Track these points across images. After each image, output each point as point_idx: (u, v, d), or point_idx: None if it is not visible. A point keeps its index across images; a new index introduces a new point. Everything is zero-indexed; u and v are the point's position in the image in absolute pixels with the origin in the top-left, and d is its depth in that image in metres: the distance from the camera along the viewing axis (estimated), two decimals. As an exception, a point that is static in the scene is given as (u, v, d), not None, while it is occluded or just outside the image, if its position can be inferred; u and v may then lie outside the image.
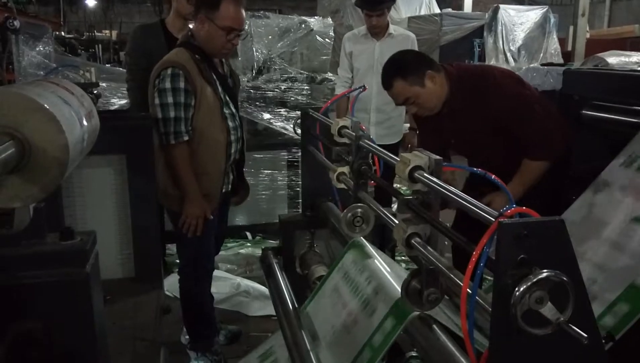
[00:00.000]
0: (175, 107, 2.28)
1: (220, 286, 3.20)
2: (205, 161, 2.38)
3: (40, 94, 1.06)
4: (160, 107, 2.29)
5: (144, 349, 1.48)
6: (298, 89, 4.03)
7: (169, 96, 2.27)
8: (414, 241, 1.18)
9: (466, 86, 2.16)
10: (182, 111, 2.29)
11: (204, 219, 2.36)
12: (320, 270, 1.95)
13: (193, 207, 2.34)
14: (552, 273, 0.80)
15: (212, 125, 2.37)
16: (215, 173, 2.42)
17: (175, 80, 2.27)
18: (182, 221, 2.35)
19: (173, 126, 2.28)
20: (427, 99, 2.14)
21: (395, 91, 2.14)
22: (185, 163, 2.32)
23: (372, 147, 1.59)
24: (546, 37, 8.50)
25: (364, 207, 1.65)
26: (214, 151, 2.39)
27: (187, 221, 2.34)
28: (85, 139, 1.22)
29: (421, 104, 2.15)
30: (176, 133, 2.29)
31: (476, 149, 2.30)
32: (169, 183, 2.36)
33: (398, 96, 2.16)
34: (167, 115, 2.28)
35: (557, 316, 0.79)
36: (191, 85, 2.29)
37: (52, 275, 0.78)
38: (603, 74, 2.57)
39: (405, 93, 2.12)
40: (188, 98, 2.30)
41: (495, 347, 0.85)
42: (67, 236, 0.81)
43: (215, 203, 2.45)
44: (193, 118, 2.33)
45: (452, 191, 1.06)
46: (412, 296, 1.18)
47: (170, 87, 2.27)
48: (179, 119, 2.29)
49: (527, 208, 0.87)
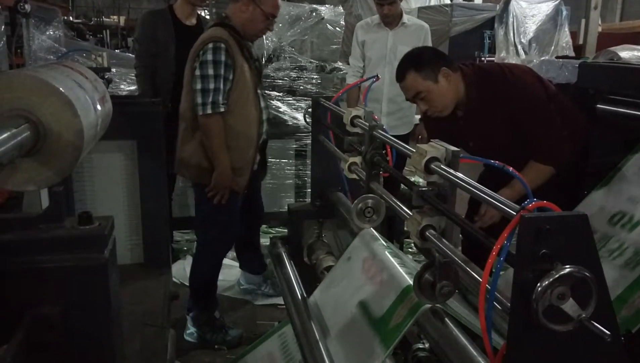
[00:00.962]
0: (215, 79, 2.37)
1: (227, 274, 3.20)
2: (238, 135, 2.47)
3: (55, 77, 1.05)
4: (200, 78, 2.37)
5: (152, 334, 1.49)
6: (307, 78, 4.00)
7: (210, 68, 2.36)
8: (428, 233, 1.17)
9: (484, 87, 2.10)
10: (222, 83, 2.38)
11: (231, 191, 2.46)
12: (328, 260, 1.95)
13: (222, 177, 2.44)
14: (574, 268, 0.78)
15: (247, 101, 2.47)
16: (247, 148, 2.50)
17: (217, 53, 2.36)
18: (209, 189, 2.44)
19: (211, 97, 2.37)
20: (438, 97, 2.07)
21: (407, 83, 2.09)
22: (219, 134, 2.41)
23: (385, 137, 1.57)
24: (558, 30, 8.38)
25: (375, 198, 1.64)
26: (247, 126, 2.49)
27: (214, 191, 2.44)
28: (99, 124, 1.21)
29: (431, 102, 2.09)
30: (213, 103, 2.37)
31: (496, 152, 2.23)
32: (203, 155, 2.45)
33: (409, 89, 2.10)
34: (207, 86, 2.37)
35: (579, 313, 0.78)
36: (231, 60, 2.39)
37: (70, 260, 0.77)
38: (619, 68, 2.53)
39: (417, 87, 2.06)
40: (227, 72, 2.39)
41: (513, 342, 0.84)
42: (86, 221, 0.80)
43: (245, 178, 2.53)
44: (230, 92, 2.42)
45: (469, 183, 1.05)
46: (425, 288, 1.16)
47: (212, 60, 2.36)
48: (217, 91, 2.37)
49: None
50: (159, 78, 3.25)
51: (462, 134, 2.15)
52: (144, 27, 3.35)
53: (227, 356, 2.52)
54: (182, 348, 2.48)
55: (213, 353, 2.57)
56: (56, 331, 0.75)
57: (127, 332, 1.36)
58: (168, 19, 3.25)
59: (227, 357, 2.51)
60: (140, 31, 3.38)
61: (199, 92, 2.38)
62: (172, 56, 3.20)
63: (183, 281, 3.15)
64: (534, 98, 2.07)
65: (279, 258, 2.10)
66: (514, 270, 0.84)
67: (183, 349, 2.48)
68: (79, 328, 0.78)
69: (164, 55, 3.22)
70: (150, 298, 1.63)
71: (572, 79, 2.41)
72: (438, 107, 2.11)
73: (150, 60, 3.27)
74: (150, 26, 3.29)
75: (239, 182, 2.51)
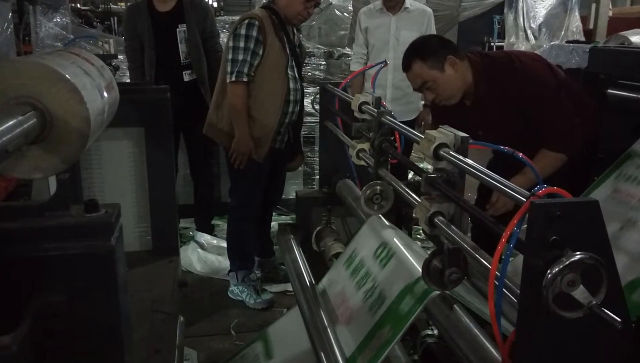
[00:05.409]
0: (244, 51, 2.60)
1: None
2: (261, 107, 2.67)
3: (61, 64, 1.05)
4: (232, 49, 2.62)
5: (161, 321, 1.49)
6: (315, 64, 3.97)
7: (242, 41, 2.60)
8: (437, 220, 1.16)
9: (492, 75, 2.07)
10: (250, 56, 2.60)
11: (249, 158, 2.68)
12: (337, 247, 1.94)
13: (240, 143, 2.67)
14: (585, 255, 0.77)
15: (274, 77, 2.67)
16: (268, 121, 2.69)
17: (250, 29, 2.60)
18: (229, 153, 2.70)
19: (238, 66, 2.59)
20: (446, 86, 2.05)
21: (413, 72, 2.06)
22: (241, 102, 2.63)
23: (394, 123, 1.56)
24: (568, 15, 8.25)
25: (383, 184, 1.63)
26: (271, 100, 2.68)
27: (234, 156, 2.69)
28: (106, 111, 1.21)
29: (438, 91, 2.06)
30: (238, 72, 2.60)
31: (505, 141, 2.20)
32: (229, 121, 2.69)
33: (415, 79, 2.08)
34: (236, 57, 2.60)
35: (590, 300, 0.77)
36: (263, 36, 2.61)
37: (76, 248, 0.77)
38: (630, 52, 2.48)
39: (423, 76, 2.04)
40: (257, 47, 2.61)
41: (523, 329, 0.84)
42: (92, 208, 0.80)
43: (264, 149, 2.72)
44: (259, 66, 2.63)
45: (479, 169, 1.04)
46: (433, 275, 1.16)
47: (245, 34, 2.60)
48: (244, 62, 2.60)
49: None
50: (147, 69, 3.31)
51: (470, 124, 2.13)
52: (125, 22, 3.45)
53: (236, 342, 2.54)
54: (192, 335, 2.50)
55: (222, 340, 2.59)
56: (63, 319, 0.75)
57: (136, 318, 1.37)
58: (144, 10, 3.30)
59: (235, 343, 2.53)
60: (124, 27, 3.53)
61: (229, 61, 2.62)
62: (153, 46, 3.23)
63: (188, 269, 3.17)
64: (544, 87, 2.04)
65: (288, 245, 2.10)
66: (524, 257, 0.83)
67: (192, 335, 2.50)
68: (86, 316, 0.78)
69: (147, 46, 3.28)
70: (159, 285, 1.64)
71: (583, 64, 2.37)
72: (445, 96, 2.08)
73: (138, 54, 3.34)
74: (131, 21, 3.37)
75: (258, 152, 2.70)
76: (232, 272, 2.95)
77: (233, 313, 2.83)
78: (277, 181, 3.06)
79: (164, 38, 3.28)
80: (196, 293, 3.00)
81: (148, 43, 3.28)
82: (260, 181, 2.83)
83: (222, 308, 2.88)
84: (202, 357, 2.42)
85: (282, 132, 2.80)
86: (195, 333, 2.57)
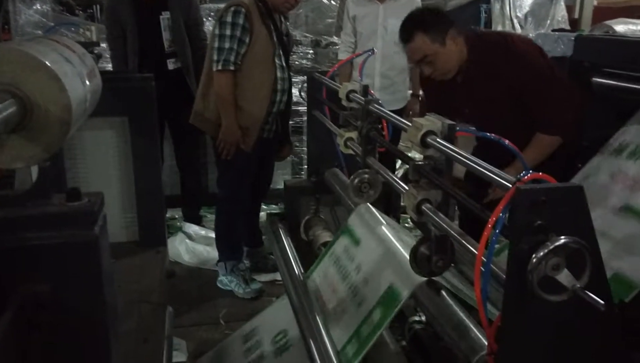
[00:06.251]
0: (231, 39, 2.57)
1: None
2: (248, 96, 2.65)
3: (42, 51, 1.02)
4: (218, 37, 2.59)
5: (149, 312, 1.49)
6: (303, 52, 3.95)
7: (228, 29, 2.57)
8: (424, 208, 1.16)
9: (486, 53, 2.07)
10: (236, 44, 2.57)
11: (237, 147, 2.67)
12: (325, 236, 1.94)
13: (227, 133, 2.65)
14: (569, 239, 0.78)
15: (261, 65, 2.64)
16: (256, 111, 2.67)
17: (236, 16, 2.57)
18: (217, 143, 2.69)
19: (225, 55, 2.57)
20: (446, 60, 2.03)
21: (414, 45, 2.01)
22: (228, 91, 2.60)
23: (382, 112, 1.55)
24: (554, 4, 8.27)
25: (371, 173, 1.63)
26: (258, 89, 2.66)
27: (221, 146, 2.67)
28: (88, 99, 1.19)
29: (438, 65, 2.04)
30: (225, 61, 2.57)
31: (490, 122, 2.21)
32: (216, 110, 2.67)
33: (416, 52, 2.03)
34: (223, 45, 2.58)
35: (574, 283, 0.78)
36: (249, 23, 2.58)
37: (59, 237, 0.76)
38: (615, 41, 2.50)
39: (425, 50, 2.00)
40: (244, 35, 2.59)
41: (508, 313, 0.84)
42: (74, 197, 0.79)
43: (252, 138, 2.70)
44: (245, 55, 2.60)
45: (466, 156, 1.04)
46: (421, 262, 1.16)
47: (231, 22, 2.57)
48: (231, 50, 2.57)
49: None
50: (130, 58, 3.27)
51: (458, 101, 2.13)
52: (107, 9, 3.41)
53: (226, 332, 2.54)
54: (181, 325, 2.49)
55: (211, 329, 2.60)
56: (47, 309, 0.74)
57: (124, 310, 1.36)
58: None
59: (225, 333, 2.53)
60: (105, 14, 3.48)
61: (215, 49, 2.59)
62: (136, 34, 3.19)
63: (176, 259, 3.16)
64: (539, 69, 2.05)
65: (276, 234, 2.10)
66: (509, 242, 0.83)
67: (181, 326, 2.50)
68: (71, 306, 0.77)
69: (130, 34, 3.24)
70: (147, 276, 1.63)
71: (568, 52, 2.38)
72: (443, 71, 2.07)
73: (119, 42, 3.30)
74: (113, 8, 3.32)
75: (246, 141, 2.68)
76: (221, 262, 2.94)
77: (222, 303, 2.83)
78: (266, 171, 3.05)
79: (147, 26, 3.23)
80: (185, 283, 3.00)
81: (131, 31, 3.23)
82: (249, 171, 2.81)
83: (211, 298, 2.88)
84: (191, 346, 2.42)
85: (270, 121, 2.79)
86: (184, 323, 2.58)
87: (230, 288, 2.90)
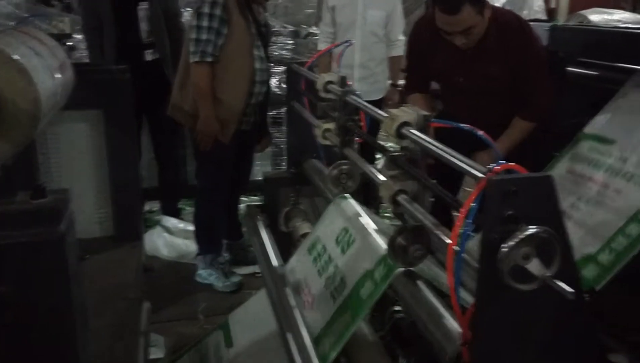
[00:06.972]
0: (208, 30, 2.55)
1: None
2: (226, 88, 2.63)
3: (9, 44, 1.00)
4: (196, 28, 2.56)
5: (124, 307, 1.47)
6: (282, 43, 3.91)
7: (205, 20, 2.55)
8: (400, 198, 1.17)
9: (502, 30, 2.11)
10: (214, 36, 2.56)
11: (215, 139, 2.65)
12: (305, 227, 1.94)
13: (205, 125, 2.63)
14: (539, 229, 0.79)
15: (239, 57, 2.63)
16: (234, 103, 2.66)
17: (214, 7, 2.55)
18: (195, 135, 2.68)
19: (202, 46, 2.55)
20: (479, 32, 2.07)
21: (461, 17, 2.01)
22: (205, 83, 2.58)
23: (358, 103, 1.55)
24: (531, -7, 8.36)
25: (349, 164, 1.63)
26: (236, 81, 2.64)
27: (199, 137, 2.66)
28: (59, 93, 1.17)
29: (473, 36, 2.07)
30: (203, 53, 2.56)
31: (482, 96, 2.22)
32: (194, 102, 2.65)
33: (462, 23, 2.03)
34: (200, 36, 2.56)
35: (543, 272, 0.80)
36: (227, 15, 2.57)
37: (23, 236, 0.74)
38: (589, 31, 2.55)
39: (470, 21, 2.02)
40: (222, 26, 2.57)
41: (481, 302, 0.86)
42: (39, 194, 0.77)
43: (230, 130, 2.69)
44: (224, 46, 2.59)
45: (440, 147, 1.04)
46: (398, 252, 1.17)
47: (208, 13, 2.55)
48: (209, 42, 2.55)
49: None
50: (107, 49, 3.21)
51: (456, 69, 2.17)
52: (84, 2, 3.38)
53: (205, 326, 2.52)
54: (159, 321, 2.47)
55: (190, 324, 2.58)
56: (13, 310, 0.73)
57: (98, 306, 1.35)
58: None
59: (204, 327, 2.52)
60: (82, 5, 3.41)
61: (192, 41, 2.57)
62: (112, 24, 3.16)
63: (154, 253, 3.13)
64: (542, 57, 2.14)
65: (255, 227, 2.09)
66: (481, 232, 0.84)
67: (159, 321, 2.47)
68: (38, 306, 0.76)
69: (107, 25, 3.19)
70: (122, 271, 1.61)
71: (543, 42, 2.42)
72: (473, 42, 2.10)
73: (95, 34, 3.24)
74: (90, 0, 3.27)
75: (224, 133, 2.67)
76: (200, 256, 2.93)
77: (201, 297, 2.81)
78: (245, 163, 3.04)
79: (125, 17, 3.17)
80: (163, 278, 2.97)
81: (107, 22, 3.16)
82: (227, 163, 2.80)
83: (190, 292, 2.86)
84: (169, 342, 2.40)
85: (248, 113, 2.77)
86: (162, 318, 2.55)
87: (209, 281, 2.89)
